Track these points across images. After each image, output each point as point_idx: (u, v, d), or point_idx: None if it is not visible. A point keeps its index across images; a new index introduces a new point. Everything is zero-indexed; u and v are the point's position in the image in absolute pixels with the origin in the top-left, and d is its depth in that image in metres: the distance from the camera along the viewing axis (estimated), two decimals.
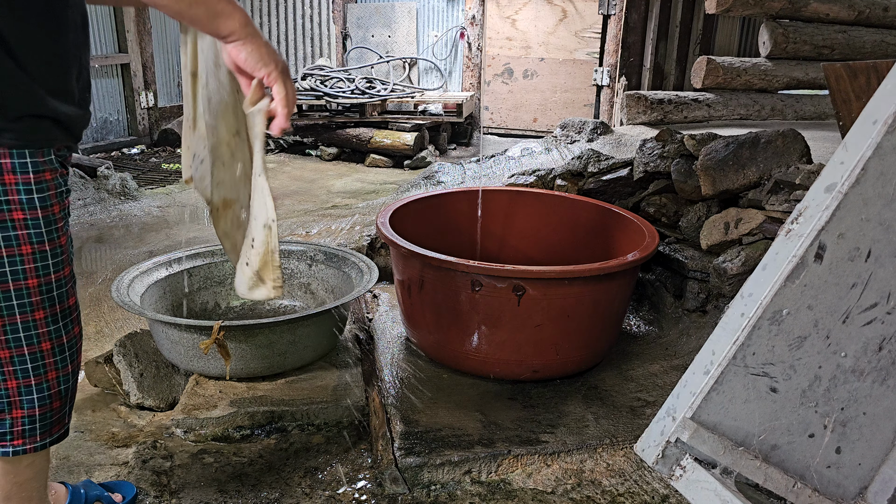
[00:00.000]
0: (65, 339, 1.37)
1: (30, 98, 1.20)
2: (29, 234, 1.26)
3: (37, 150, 1.23)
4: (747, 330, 1.16)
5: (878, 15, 4.72)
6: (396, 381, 2.25)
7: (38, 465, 1.43)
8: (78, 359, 1.43)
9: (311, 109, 6.58)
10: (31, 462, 1.40)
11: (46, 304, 1.32)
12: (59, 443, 1.44)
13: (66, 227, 1.35)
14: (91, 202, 4.53)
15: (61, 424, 1.43)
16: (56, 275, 1.32)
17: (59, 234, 1.31)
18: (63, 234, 1.33)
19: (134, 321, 2.74)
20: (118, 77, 6.57)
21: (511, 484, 1.83)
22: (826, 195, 1.14)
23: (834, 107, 2.43)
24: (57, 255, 1.32)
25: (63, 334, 1.37)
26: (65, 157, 1.33)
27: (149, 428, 2.07)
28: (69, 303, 1.38)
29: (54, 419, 1.40)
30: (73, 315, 1.39)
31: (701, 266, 2.61)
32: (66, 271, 1.36)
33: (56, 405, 1.39)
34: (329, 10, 7.93)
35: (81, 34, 1.31)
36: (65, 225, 1.34)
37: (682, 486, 1.19)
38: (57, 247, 1.31)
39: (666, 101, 4.37)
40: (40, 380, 1.35)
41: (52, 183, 1.28)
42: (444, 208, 2.84)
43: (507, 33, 7.57)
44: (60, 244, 1.32)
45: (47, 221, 1.28)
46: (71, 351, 1.40)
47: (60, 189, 1.30)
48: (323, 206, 4.83)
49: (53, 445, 1.42)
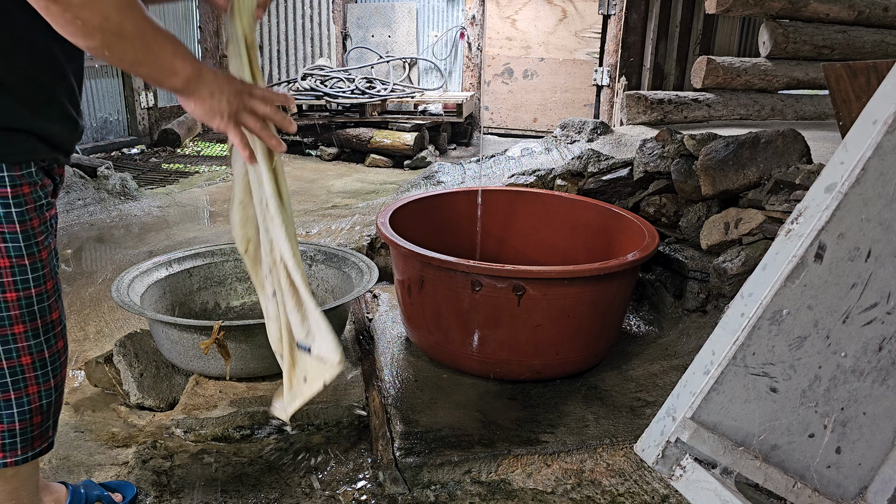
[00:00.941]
0: (46, 353, 1.35)
1: (6, 114, 1.18)
2: (7, 248, 1.25)
3: (13, 164, 1.22)
4: (747, 330, 1.16)
5: (878, 15, 4.72)
6: (396, 381, 2.25)
7: (25, 472, 1.42)
8: (62, 373, 1.41)
9: (311, 109, 6.58)
10: (16, 472, 1.39)
11: (26, 319, 1.30)
12: (43, 455, 1.43)
13: (48, 241, 1.32)
14: (91, 202, 4.53)
15: (43, 438, 1.41)
16: (37, 289, 1.30)
17: (39, 249, 1.29)
18: (44, 248, 1.30)
19: (134, 321, 2.74)
20: (118, 77, 6.57)
21: (511, 484, 1.83)
22: (826, 195, 1.14)
23: (834, 107, 2.43)
24: (37, 270, 1.29)
25: (45, 349, 1.35)
26: (52, 169, 1.31)
27: (149, 428, 2.07)
28: (51, 317, 1.35)
29: (35, 433, 1.38)
30: (55, 329, 1.37)
31: (701, 266, 2.61)
32: (49, 285, 1.33)
33: (37, 420, 1.37)
34: (329, 10, 7.94)
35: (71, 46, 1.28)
36: (46, 238, 1.31)
37: (682, 486, 1.19)
38: (37, 261, 1.29)
39: (666, 101, 4.37)
40: (20, 394, 1.33)
41: (31, 197, 1.25)
42: (444, 208, 2.84)
43: (507, 33, 7.57)
44: (41, 258, 1.30)
45: (26, 236, 1.26)
46: (54, 365, 1.37)
47: (40, 202, 1.28)
48: (323, 206, 4.83)
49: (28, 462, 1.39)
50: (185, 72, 1.18)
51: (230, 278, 2.64)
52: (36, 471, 1.46)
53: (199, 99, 1.22)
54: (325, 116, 6.58)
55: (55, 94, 1.27)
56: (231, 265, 2.64)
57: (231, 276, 2.64)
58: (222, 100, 1.22)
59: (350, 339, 2.53)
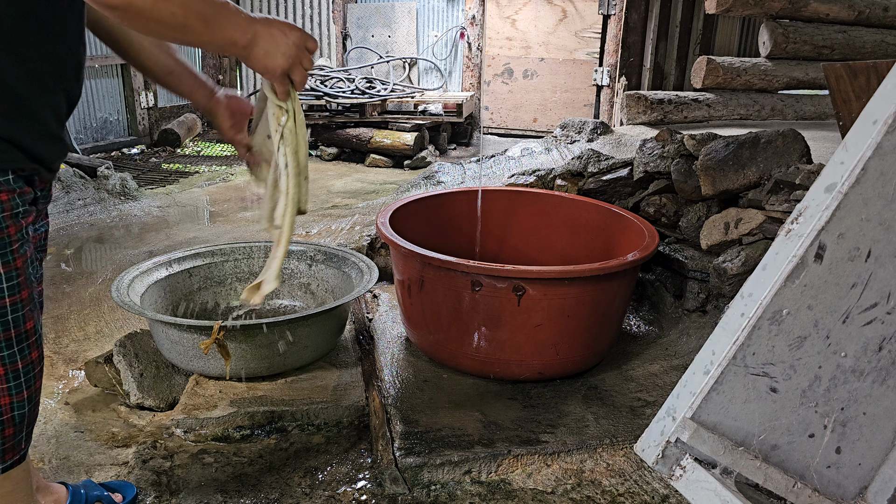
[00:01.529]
0: (20, 364, 1.32)
1: None
2: None
3: None
4: (747, 330, 1.16)
5: (878, 15, 4.72)
6: (396, 381, 2.25)
7: (16, 476, 1.40)
8: (36, 384, 1.38)
9: (311, 109, 6.58)
10: (6, 477, 1.37)
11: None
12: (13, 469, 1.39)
13: (24, 249, 1.29)
14: (91, 202, 4.53)
15: (15, 451, 1.37)
16: (11, 298, 1.27)
17: (14, 257, 1.26)
18: (19, 257, 1.27)
19: (134, 321, 2.74)
20: (118, 77, 6.57)
21: (511, 484, 1.83)
22: (826, 195, 1.14)
23: (834, 107, 2.43)
24: (12, 279, 1.27)
25: (18, 359, 1.31)
26: (32, 178, 1.29)
27: (149, 428, 2.07)
28: (25, 327, 1.32)
29: (6, 446, 1.35)
30: (29, 340, 1.33)
31: (701, 266, 2.61)
32: (24, 294, 1.30)
33: (9, 432, 1.34)
34: (329, 10, 7.94)
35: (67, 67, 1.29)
36: (21, 247, 1.28)
37: (682, 486, 1.19)
38: (12, 270, 1.26)
39: (666, 101, 4.37)
40: None
41: (8, 204, 1.23)
42: (444, 208, 2.84)
43: (507, 33, 7.57)
44: (16, 267, 1.27)
45: (1, 244, 1.24)
46: (27, 376, 1.34)
47: (17, 210, 1.25)
48: (323, 206, 4.83)
49: (7, 471, 1.37)
50: (242, 40, 1.25)
51: (230, 278, 2.64)
52: (27, 474, 1.44)
53: (255, 59, 1.29)
54: (325, 116, 6.58)
55: (36, 110, 1.25)
56: (231, 265, 2.64)
57: (231, 276, 2.64)
58: (277, 56, 1.29)
59: (350, 339, 2.53)
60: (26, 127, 1.24)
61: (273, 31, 1.28)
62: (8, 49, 1.19)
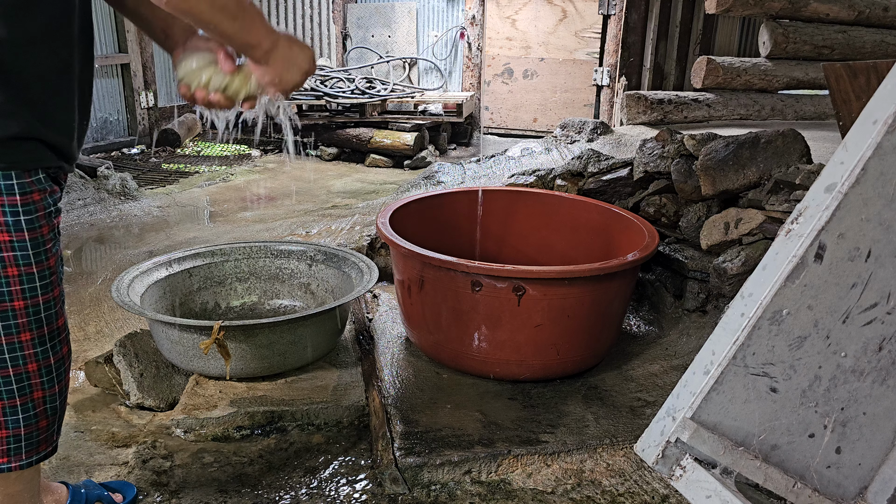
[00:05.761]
0: (52, 360, 1.36)
1: (15, 121, 1.19)
2: (16, 257, 1.25)
3: (23, 171, 1.22)
4: (747, 330, 1.16)
5: (878, 15, 4.72)
6: (396, 381, 2.25)
7: (28, 476, 1.43)
8: (66, 377, 1.42)
9: (311, 109, 6.58)
10: (20, 475, 1.40)
11: (33, 326, 1.31)
12: (48, 459, 1.44)
13: (56, 248, 1.33)
14: (91, 202, 4.53)
15: (48, 442, 1.42)
16: (44, 297, 1.31)
17: (47, 256, 1.30)
18: (52, 256, 1.31)
19: (134, 321, 2.74)
20: (118, 77, 6.57)
21: (511, 484, 1.83)
22: (826, 195, 1.14)
23: (834, 107, 2.43)
24: (45, 277, 1.30)
25: (50, 355, 1.35)
26: (58, 175, 1.31)
27: (149, 428, 2.07)
28: (57, 324, 1.36)
29: (41, 438, 1.39)
30: (61, 336, 1.38)
31: (701, 266, 2.61)
32: (56, 292, 1.34)
33: (43, 424, 1.38)
34: (329, 10, 7.93)
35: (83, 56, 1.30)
36: (53, 246, 1.32)
37: (682, 486, 1.19)
38: (45, 269, 1.30)
39: (666, 101, 4.37)
40: (25, 400, 1.34)
41: (41, 204, 1.26)
42: (444, 208, 2.84)
43: (507, 33, 7.57)
44: (49, 266, 1.31)
45: (35, 244, 1.27)
46: (58, 371, 1.38)
47: (49, 210, 1.28)
48: (323, 206, 4.83)
49: (23, 469, 1.40)
50: (266, 44, 1.26)
51: (230, 278, 2.64)
52: (37, 474, 1.47)
53: (272, 67, 1.29)
54: (325, 116, 6.58)
55: (70, 103, 1.27)
56: (231, 265, 2.64)
57: (231, 276, 2.64)
58: (292, 70, 1.31)
59: (350, 339, 2.53)
60: (59, 122, 1.26)
61: (294, 47, 1.31)
62: (48, 46, 1.20)
